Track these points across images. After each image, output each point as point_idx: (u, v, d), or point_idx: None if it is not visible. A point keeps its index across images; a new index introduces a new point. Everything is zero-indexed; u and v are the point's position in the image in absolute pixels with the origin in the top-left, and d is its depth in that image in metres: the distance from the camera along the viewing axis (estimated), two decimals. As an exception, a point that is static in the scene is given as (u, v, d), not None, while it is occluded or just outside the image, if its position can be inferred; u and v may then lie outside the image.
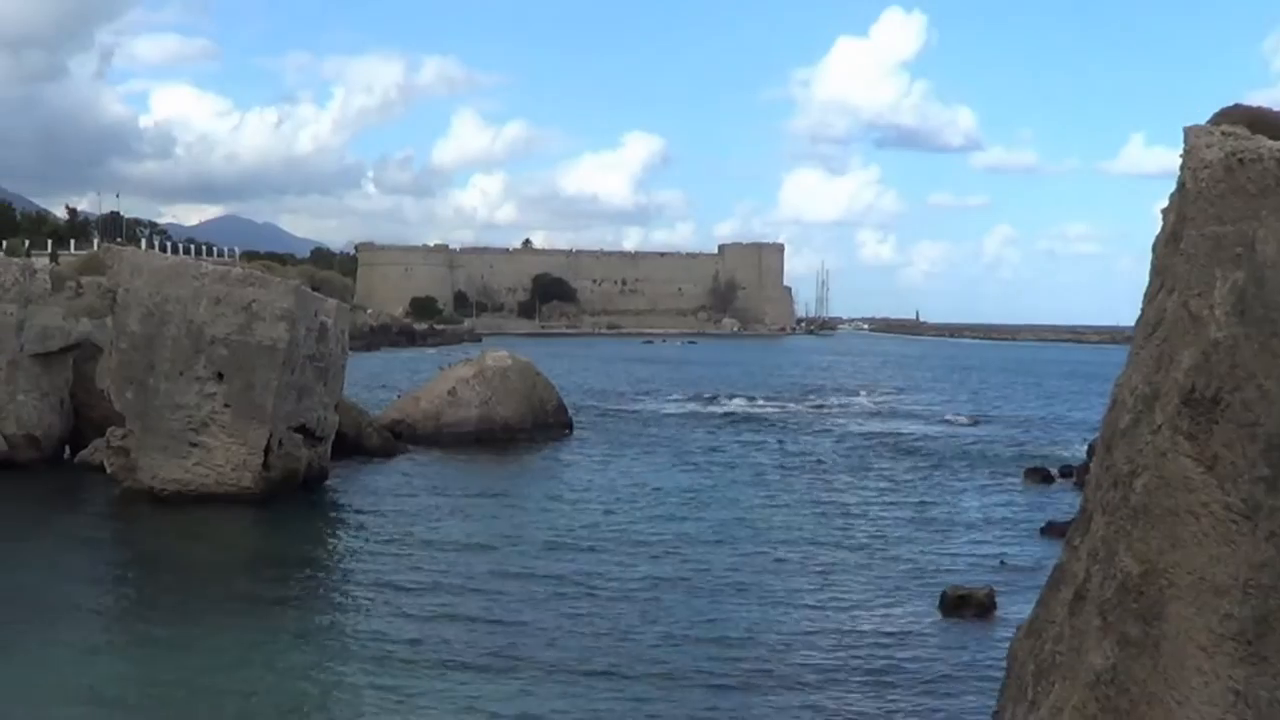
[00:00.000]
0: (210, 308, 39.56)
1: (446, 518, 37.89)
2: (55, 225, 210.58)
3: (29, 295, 47.97)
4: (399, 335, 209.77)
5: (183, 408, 39.46)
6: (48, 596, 28.03)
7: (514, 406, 59.30)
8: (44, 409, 47.80)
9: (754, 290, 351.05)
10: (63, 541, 34.78)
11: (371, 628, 25.32)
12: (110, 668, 23.31)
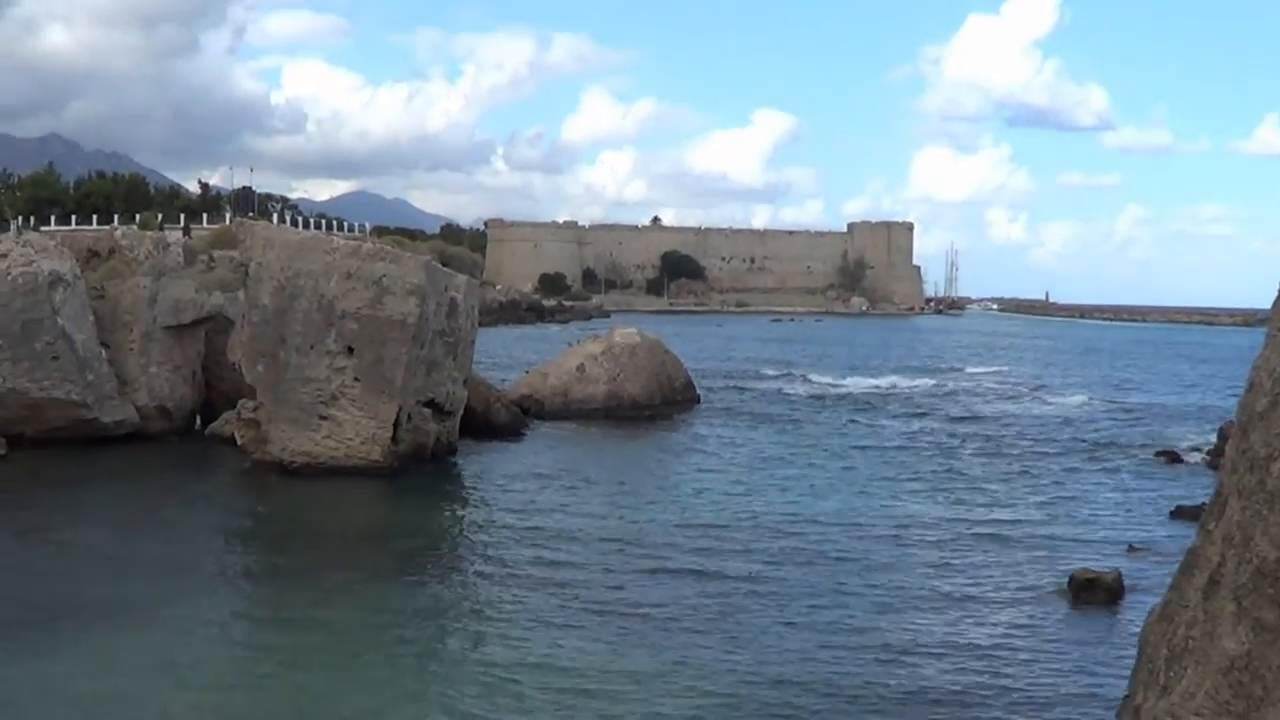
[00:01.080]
0: (341, 282, 39.82)
1: (571, 495, 37.78)
2: (188, 200, 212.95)
3: (162, 268, 48.54)
4: (528, 311, 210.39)
5: (313, 381, 39.78)
6: (178, 565, 28.45)
7: (642, 383, 59.29)
8: (176, 381, 48.38)
9: (883, 269, 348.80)
10: (193, 511, 35.23)
11: (492, 602, 25.41)
12: (239, 635, 23.66)
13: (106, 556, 29.28)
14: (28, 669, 20.76)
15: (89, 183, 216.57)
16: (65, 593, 25.82)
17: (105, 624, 23.55)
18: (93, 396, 44.72)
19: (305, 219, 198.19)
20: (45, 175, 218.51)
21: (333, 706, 19.36)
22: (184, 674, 20.93)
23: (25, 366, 43.61)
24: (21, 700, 19.24)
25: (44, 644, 22.13)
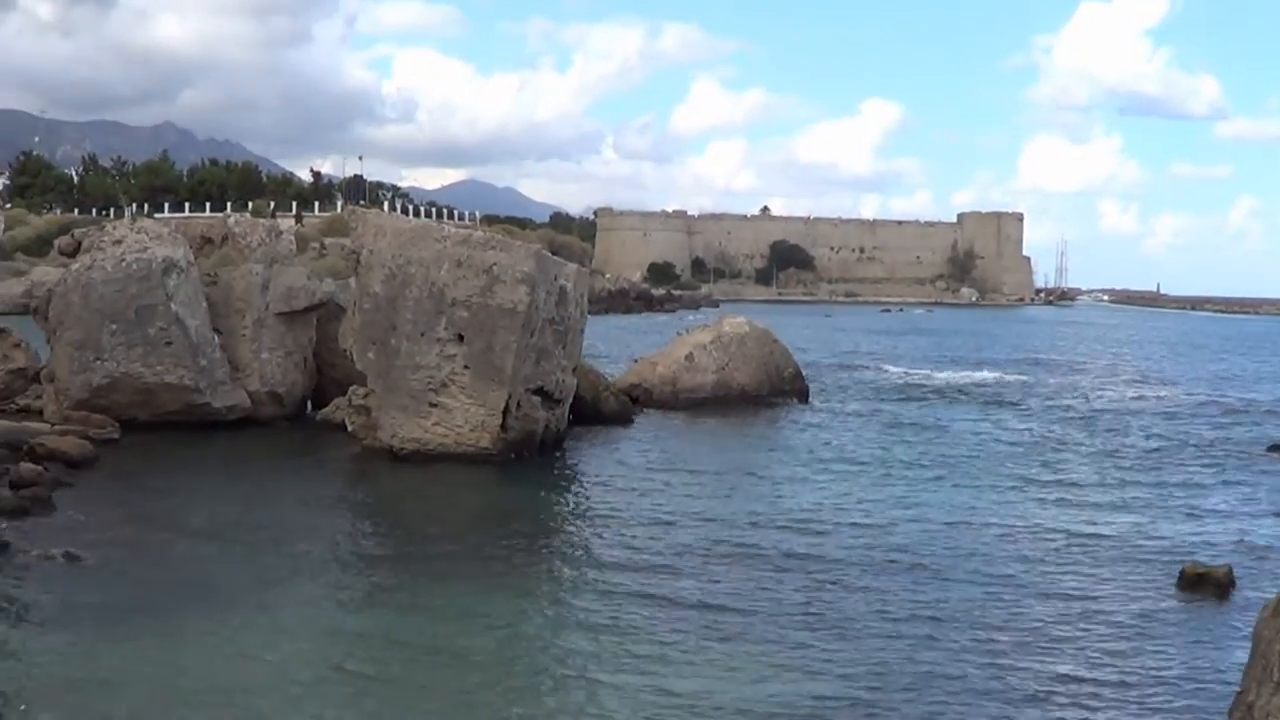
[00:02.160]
0: (452, 270, 39.99)
1: (678, 486, 37.60)
2: (300, 187, 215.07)
3: (274, 255, 48.91)
4: (636, 300, 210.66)
5: (423, 368, 39.99)
6: (287, 550, 28.69)
7: (750, 373, 59.13)
8: (287, 367, 48.74)
9: (992, 260, 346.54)
10: (304, 496, 35.47)
11: (595, 594, 25.38)
12: (344, 619, 23.78)
13: (217, 540, 29.54)
14: (138, 652, 21.01)
15: (202, 170, 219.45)
16: (176, 575, 26.13)
17: (215, 606, 23.76)
18: (205, 382, 45.16)
19: (416, 207, 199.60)
20: (159, 163, 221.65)
21: (432, 692, 19.51)
22: (290, 656, 21.14)
23: (139, 351, 44.12)
24: (131, 683, 19.46)
25: (155, 626, 22.41)
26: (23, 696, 18.86)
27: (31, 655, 21.01)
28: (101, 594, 24.57)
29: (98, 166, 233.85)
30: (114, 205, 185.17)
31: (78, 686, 19.37)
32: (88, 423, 42.76)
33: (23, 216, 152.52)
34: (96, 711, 18.23)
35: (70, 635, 21.92)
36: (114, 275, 44.62)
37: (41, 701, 18.57)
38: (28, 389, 48.03)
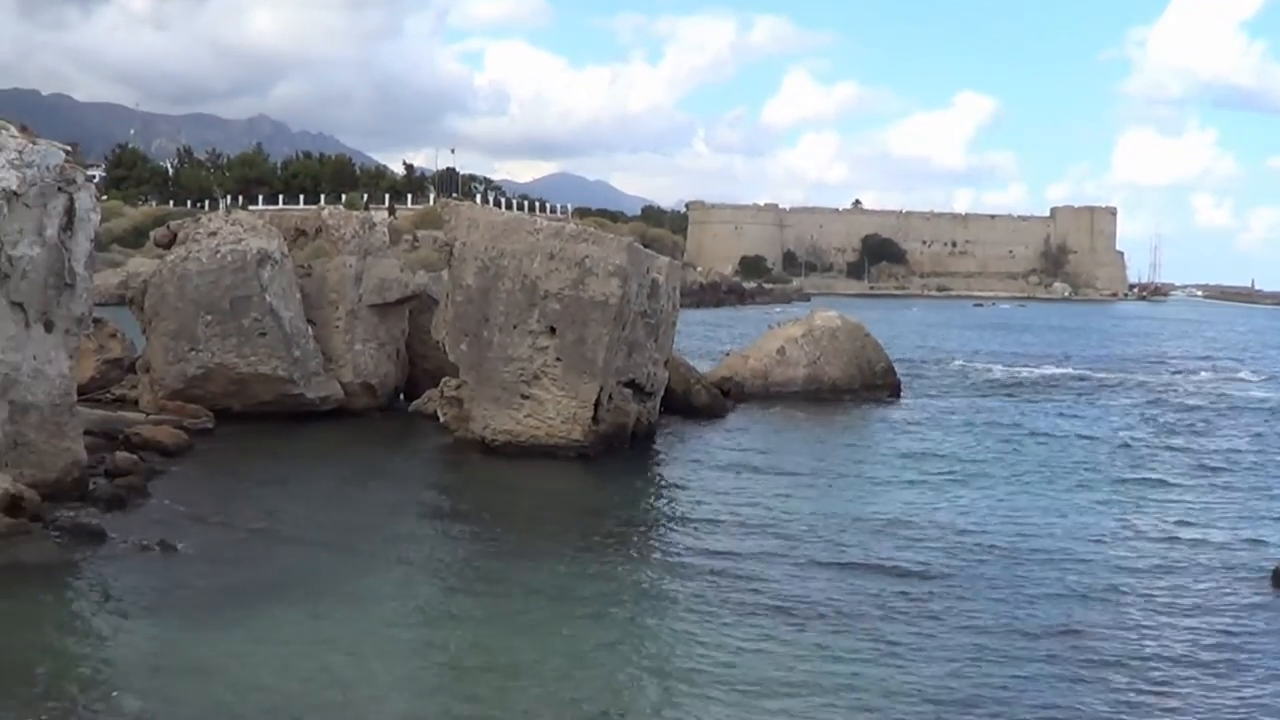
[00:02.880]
0: (545, 263, 40.03)
1: (767, 483, 37.35)
2: (393, 180, 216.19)
3: (368, 247, 49.17)
4: (728, 294, 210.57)
5: (515, 360, 40.05)
6: (378, 541, 28.85)
7: (842, 367, 58.90)
8: (380, 358, 48.99)
9: (1085, 254, 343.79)
10: (396, 486, 35.65)
11: (686, 588, 25.37)
12: (436, 608, 23.96)
13: (308, 529, 29.78)
14: (228, 641, 21.15)
15: (296, 163, 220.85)
16: (267, 565, 26.36)
17: (306, 596, 23.98)
18: (299, 372, 45.46)
19: (508, 200, 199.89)
20: (253, 155, 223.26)
21: (519, 683, 19.55)
22: (381, 645, 21.29)
23: (233, 342, 44.48)
24: (221, 672, 19.60)
25: (246, 616, 22.57)
26: (113, 683, 19.07)
27: (124, 643, 21.24)
28: (194, 583, 24.77)
29: (192, 159, 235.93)
30: (209, 197, 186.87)
31: (169, 674, 19.53)
32: (182, 412, 43.14)
33: (119, 208, 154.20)
34: (186, 700, 18.35)
35: (162, 623, 22.14)
36: (209, 266, 45.00)
37: (133, 688, 18.75)
38: (123, 379, 48.54)
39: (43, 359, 30.12)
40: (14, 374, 29.29)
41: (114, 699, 18.29)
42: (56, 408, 30.63)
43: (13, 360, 29.25)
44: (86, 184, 32.21)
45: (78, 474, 31.26)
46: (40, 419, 30.20)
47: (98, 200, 33.26)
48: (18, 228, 28.93)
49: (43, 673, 19.48)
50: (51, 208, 29.89)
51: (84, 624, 22.64)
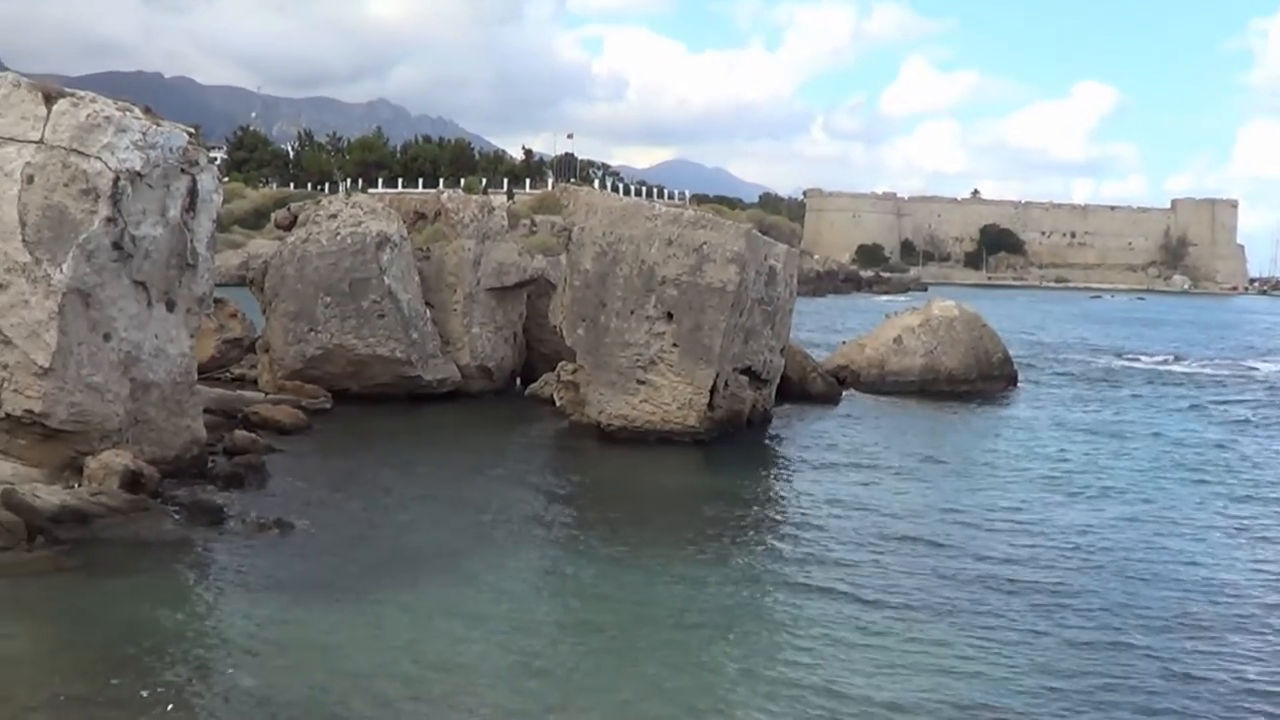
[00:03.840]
0: (662, 249, 39.98)
1: (881, 474, 37.05)
2: (511, 165, 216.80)
3: (486, 231, 49.36)
4: (844, 282, 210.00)
5: (632, 346, 40.05)
6: (493, 522, 29.02)
7: (959, 357, 58.43)
8: (497, 341, 49.21)
9: (1205, 247, 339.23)
10: (512, 469, 35.73)
11: (793, 578, 25.24)
12: (546, 593, 24.12)
13: (423, 510, 30.00)
14: (343, 619, 21.39)
15: (415, 147, 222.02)
16: (382, 545, 26.56)
17: (420, 576, 24.16)
18: (416, 354, 45.76)
19: (626, 186, 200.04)
20: (373, 139, 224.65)
21: (623, 666, 19.67)
22: (493, 624, 21.43)
23: (352, 324, 44.85)
24: (346, 647, 19.82)
25: (361, 595, 22.77)
26: (229, 660, 19.29)
27: (240, 620, 21.46)
28: (310, 561, 25.03)
29: (313, 142, 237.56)
30: (328, 180, 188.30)
31: (284, 652, 19.74)
32: (301, 392, 43.58)
33: (240, 190, 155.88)
34: (300, 678, 18.49)
35: (278, 601, 22.35)
36: (329, 249, 45.40)
37: (248, 665, 18.97)
38: (243, 358, 49.05)
39: (164, 338, 30.47)
40: (136, 352, 29.65)
41: (230, 675, 18.48)
42: (177, 386, 30.99)
43: (135, 339, 29.61)
44: (209, 166, 32.54)
45: (197, 452, 31.65)
46: (161, 397, 30.56)
47: (219, 182, 33.56)
48: (141, 208, 29.26)
49: (159, 648, 19.68)
50: (175, 189, 30.21)
51: (201, 600, 22.90)
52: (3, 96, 29.13)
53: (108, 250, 28.50)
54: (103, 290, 28.67)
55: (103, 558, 24.44)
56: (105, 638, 19.88)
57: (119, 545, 25.28)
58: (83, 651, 19.12)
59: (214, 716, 16.94)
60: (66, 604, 21.77)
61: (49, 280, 27.78)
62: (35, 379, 27.95)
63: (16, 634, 19.84)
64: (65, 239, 27.96)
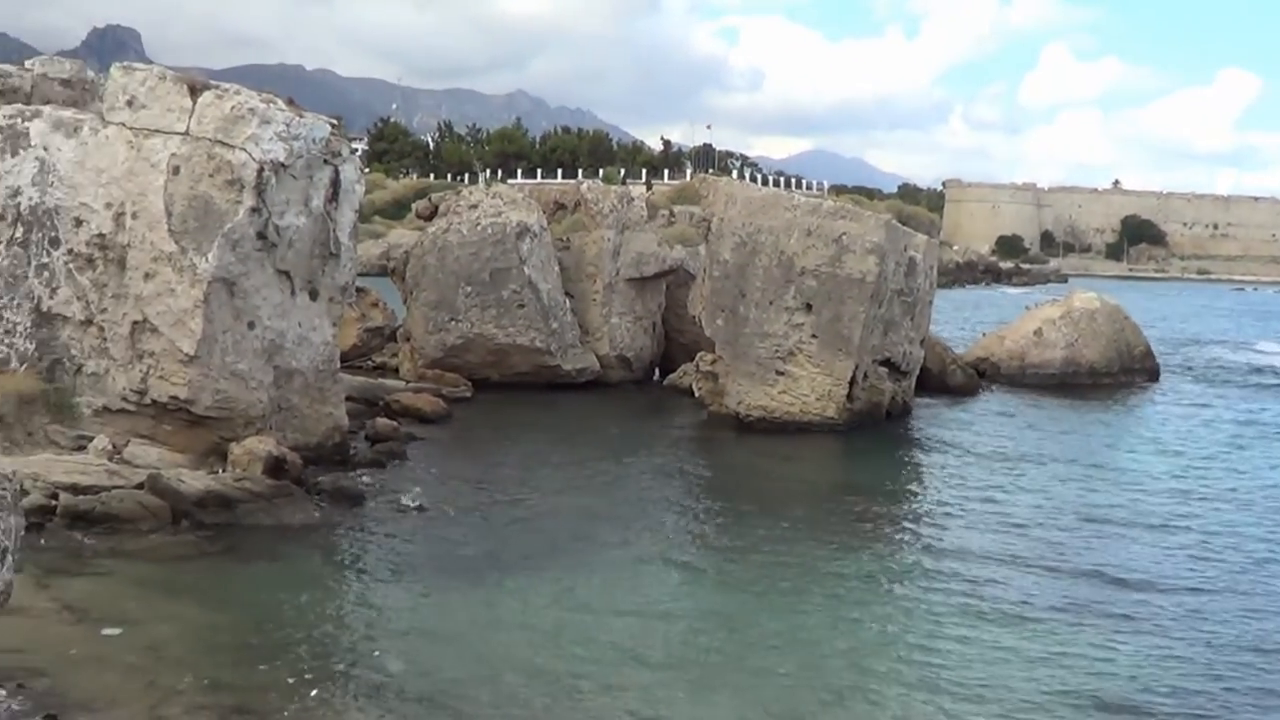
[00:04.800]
0: (802, 239, 39.87)
1: (1020, 469, 36.45)
2: (650, 155, 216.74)
3: (625, 222, 49.45)
4: (984, 273, 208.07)
5: (771, 336, 39.98)
6: (630, 511, 29.18)
7: (1100, 350, 57.69)
8: (636, 331, 49.31)
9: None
10: (650, 458, 35.80)
11: (937, 570, 25.08)
12: (683, 583, 24.12)
13: (561, 499, 30.17)
14: (483, 604, 21.63)
15: (554, 138, 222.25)
16: (520, 532, 26.82)
17: (558, 563, 24.31)
18: (556, 344, 45.98)
19: (764, 176, 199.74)
20: (512, 130, 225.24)
21: (760, 656, 19.63)
22: (631, 612, 21.58)
23: (492, 313, 45.17)
24: (480, 635, 20.03)
25: (499, 581, 22.99)
26: (372, 643, 19.53)
27: (381, 604, 21.76)
28: (450, 547, 25.27)
29: (452, 133, 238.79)
30: (468, 171, 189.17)
31: (427, 636, 19.97)
32: (441, 381, 43.97)
33: (381, 181, 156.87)
34: (443, 662, 18.69)
35: (420, 586, 22.62)
36: (470, 239, 45.75)
37: (392, 649, 19.18)
38: (384, 347, 49.56)
39: (307, 326, 30.83)
40: (280, 340, 30.02)
41: (375, 659, 18.68)
42: (320, 374, 31.34)
43: (279, 327, 29.98)
44: (351, 156, 32.88)
45: (339, 438, 32.01)
46: (304, 384, 30.94)
47: (361, 173, 33.89)
48: (285, 198, 29.60)
49: (303, 632, 19.98)
50: (317, 179, 30.53)
51: (343, 585, 23.20)
52: (149, 89, 29.62)
53: (252, 240, 28.88)
54: (247, 279, 29.06)
55: (246, 542, 24.82)
56: (250, 621, 20.16)
57: (262, 530, 25.68)
58: (228, 635, 19.38)
59: (359, 700, 17.12)
60: (211, 587, 22.08)
61: (194, 269, 28.20)
62: (181, 366, 28.41)
63: (164, 617, 20.10)
64: (210, 229, 28.36)
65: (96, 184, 29.18)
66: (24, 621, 18.26)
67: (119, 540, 24.20)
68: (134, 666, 17.71)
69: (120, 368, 29.09)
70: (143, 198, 28.70)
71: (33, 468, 25.56)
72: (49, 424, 28.33)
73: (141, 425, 29.25)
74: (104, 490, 25.61)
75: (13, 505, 13.01)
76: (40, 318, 29.36)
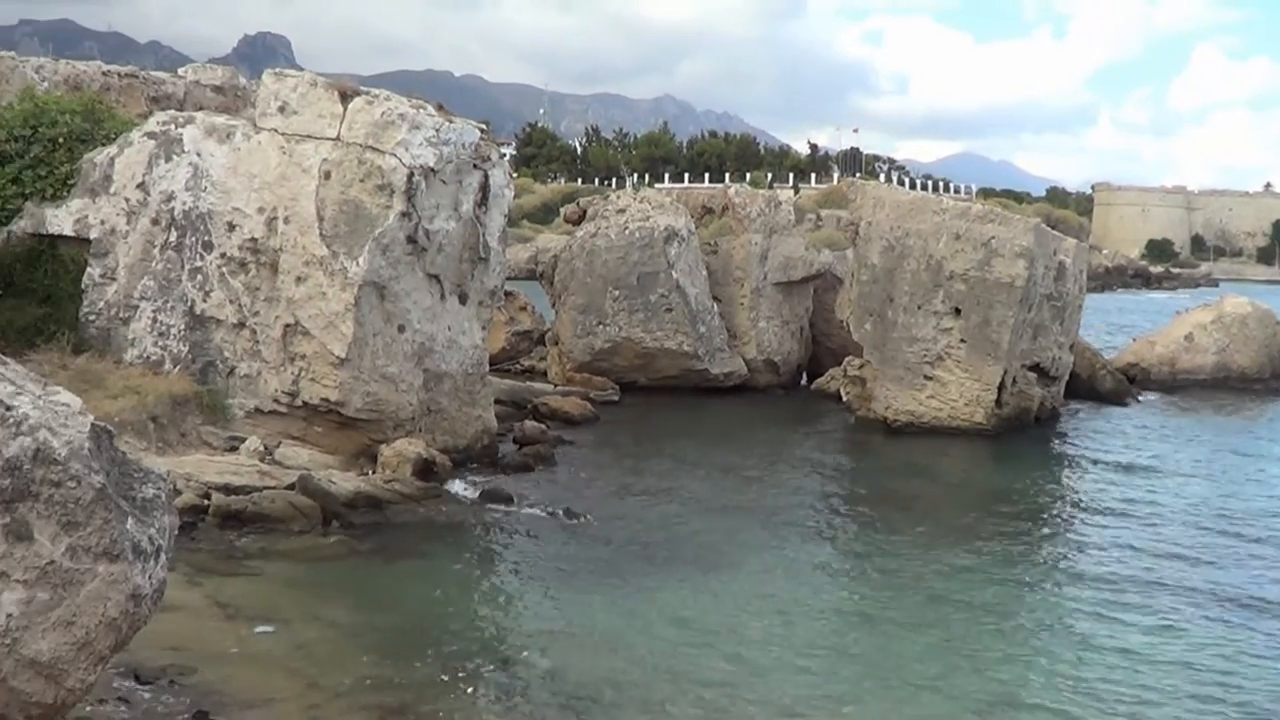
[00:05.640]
0: (950, 243, 39.63)
1: (1175, 474, 35.94)
2: (797, 159, 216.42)
3: (773, 226, 49.34)
4: (1133, 277, 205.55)
5: (919, 341, 39.79)
6: (778, 512, 29.18)
7: (1252, 355, 56.76)
8: (784, 336, 49.21)
9: None
10: (797, 462, 35.77)
11: (1085, 575, 24.79)
12: (830, 581, 24.19)
13: (708, 503, 30.14)
14: (640, 603, 21.68)
15: (701, 142, 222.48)
16: (667, 535, 26.83)
17: (704, 567, 24.27)
18: (703, 348, 46.00)
19: (911, 180, 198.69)
20: (659, 135, 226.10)
21: (911, 661, 19.50)
22: (778, 615, 21.53)
23: (640, 317, 45.26)
24: (625, 638, 20.03)
25: (653, 581, 23.05)
26: (518, 644, 19.65)
27: (527, 605, 21.91)
28: (597, 550, 25.36)
29: (600, 138, 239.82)
30: (615, 175, 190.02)
31: (573, 638, 20.03)
32: (589, 384, 44.17)
33: (529, 185, 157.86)
34: (588, 664, 18.73)
35: (568, 587, 22.69)
36: (618, 243, 45.90)
37: (538, 649, 19.25)
38: (532, 350, 49.87)
39: (457, 329, 31.12)
40: (430, 343, 30.33)
41: (524, 658, 18.79)
42: (469, 376, 31.63)
43: (429, 330, 30.29)
44: (500, 161, 33.13)
45: (488, 441, 32.29)
46: (453, 387, 31.23)
47: (510, 177, 34.13)
48: (435, 203, 29.89)
49: (450, 630, 20.16)
50: (467, 184, 30.80)
51: (492, 584, 23.40)
52: (300, 95, 30.03)
53: (402, 244, 29.19)
54: (397, 283, 29.38)
55: (396, 542, 25.07)
56: (399, 620, 20.36)
57: (411, 530, 25.94)
58: (378, 634, 19.55)
59: (510, 699, 17.19)
60: (361, 587, 22.34)
61: (345, 273, 28.55)
62: (332, 369, 28.77)
63: (314, 616, 20.34)
64: (361, 233, 28.71)
65: (249, 189, 29.65)
66: (176, 619, 18.52)
67: (269, 540, 24.53)
68: (284, 664, 17.94)
69: (272, 370, 29.53)
70: (294, 202, 29.11)
71: (186, 468, 25.99)
72: (202, 425, 28.79)
73: (293, 427, 29.68)
74: (255, 491, 25.99)
75: (167, 505, 13.21)
76: (194, 320, 29.87)
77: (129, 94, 36.02)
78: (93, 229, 30.41)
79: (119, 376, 28.61)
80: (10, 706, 12.25)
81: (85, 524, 12.04)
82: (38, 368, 24.72)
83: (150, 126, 30.98)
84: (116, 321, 30.07)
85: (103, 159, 30.74)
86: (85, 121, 31.96)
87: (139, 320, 29.98)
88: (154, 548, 12.75)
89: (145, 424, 27.15)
